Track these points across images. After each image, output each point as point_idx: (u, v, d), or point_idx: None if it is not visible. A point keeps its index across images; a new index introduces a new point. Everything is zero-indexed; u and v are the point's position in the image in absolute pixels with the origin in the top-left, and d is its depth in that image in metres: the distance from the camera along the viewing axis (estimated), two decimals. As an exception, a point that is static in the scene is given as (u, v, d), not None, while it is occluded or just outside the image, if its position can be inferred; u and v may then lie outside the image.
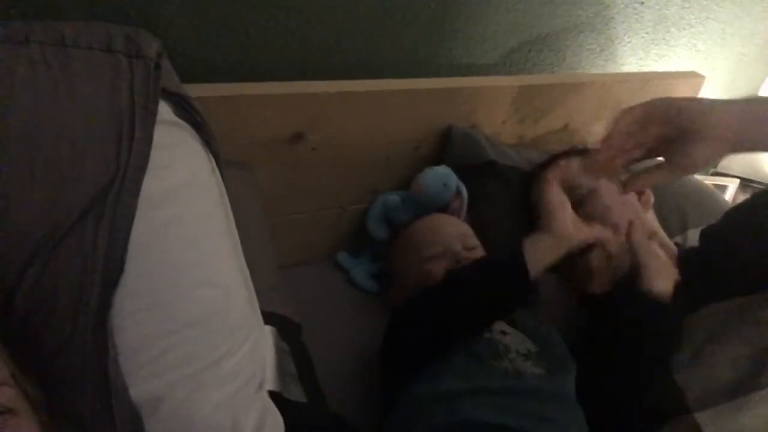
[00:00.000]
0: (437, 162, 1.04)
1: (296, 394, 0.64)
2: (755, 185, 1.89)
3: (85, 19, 0.69)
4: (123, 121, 0.53)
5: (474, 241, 0.94)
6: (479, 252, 0.92)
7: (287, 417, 0.57)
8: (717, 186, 1.79)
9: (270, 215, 0.92)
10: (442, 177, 1.00)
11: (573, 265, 0.95)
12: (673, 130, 0.66)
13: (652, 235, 0.90)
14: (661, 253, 0.85)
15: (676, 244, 0.97)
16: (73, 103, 0.52)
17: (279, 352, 0.65)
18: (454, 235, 0.92)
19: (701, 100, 0.68)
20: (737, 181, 1.89)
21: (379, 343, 0.81)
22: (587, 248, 0.87)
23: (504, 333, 0.82)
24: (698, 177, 1.46)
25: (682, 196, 1.15)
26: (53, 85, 0.52)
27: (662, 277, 0.81)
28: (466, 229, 0.96)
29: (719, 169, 1.97)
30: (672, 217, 1.09)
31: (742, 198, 1.89)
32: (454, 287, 0.78)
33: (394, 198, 1.04)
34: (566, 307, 0.95)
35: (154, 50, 0.58)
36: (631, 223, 0.86)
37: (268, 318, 0.67)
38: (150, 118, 0.55)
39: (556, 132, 1.24)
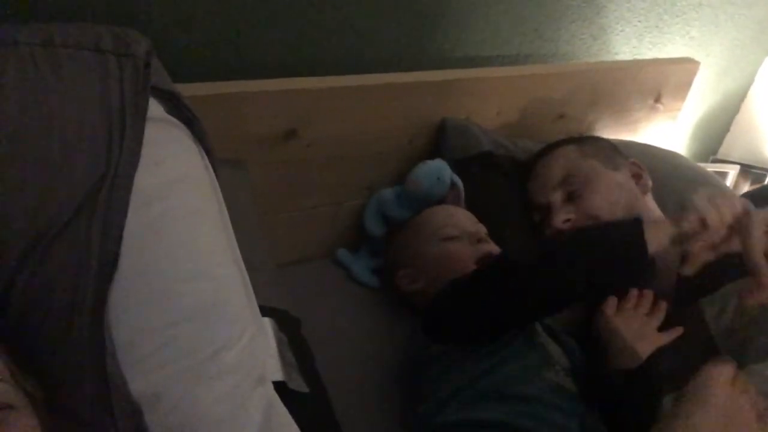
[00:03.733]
0: (432, 155, 1.04)
1: (298, 383, 0.64)
2: (756, 171, 1.88)
3: (72, 20, 0.69)
4: (113, 119, 0.53)
5: (485, 230, 0.94)
6: (491, 243, 0.91)
7: (293, 411, 0.57)
8: (718, 173, 1.78)
9: (266, 213, 0.92)
10: (435, 171, 0.99)
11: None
12: None
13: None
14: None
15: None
16: (63, 102, 0.52)
17: (278, 343, 0.66)
18: (469, 223, 0.92)
19: None
20: (737, 167, 1.88)
21: (381, 339, 0.81)
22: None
23: (549, 341, 0.81)
24: (699, 163, 1.45)
25: (683, 181, 1.14)
26: (43, 86, 0.52)
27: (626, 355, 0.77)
28: (476, 219, 0.96)
29: (719, 156, 1.97)
30: (671, 203, 1.09)
31: (743, 184, 1.89)
32: (574, 248, 0.71)
33: (387, 193, 1.04)
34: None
35: (143, 49, 0.58)
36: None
37: (266, 312, 0.67)
38: (140, 115, 0.55)
39: (552, 122, 1.24)
